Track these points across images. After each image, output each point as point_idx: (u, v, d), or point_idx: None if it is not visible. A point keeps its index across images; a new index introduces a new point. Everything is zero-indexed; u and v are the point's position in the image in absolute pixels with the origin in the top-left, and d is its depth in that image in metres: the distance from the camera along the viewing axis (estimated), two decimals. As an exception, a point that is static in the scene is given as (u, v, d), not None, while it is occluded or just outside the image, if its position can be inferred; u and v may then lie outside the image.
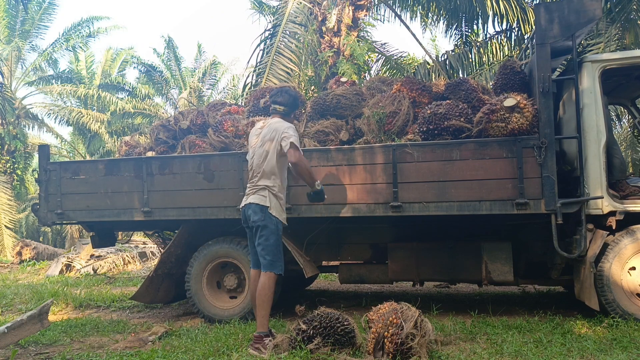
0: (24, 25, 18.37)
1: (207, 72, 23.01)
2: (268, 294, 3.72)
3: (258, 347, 3.55)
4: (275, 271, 3.78)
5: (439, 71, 10.39)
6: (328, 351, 3.29)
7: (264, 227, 3.79)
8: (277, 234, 3.83)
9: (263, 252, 3.79)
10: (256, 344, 3.58)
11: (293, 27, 10.34)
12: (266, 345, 3.54)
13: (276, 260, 3.79)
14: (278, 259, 3.81)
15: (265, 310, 3.72)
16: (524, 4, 9.75)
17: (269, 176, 3.86)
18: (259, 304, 3.75)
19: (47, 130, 21.12)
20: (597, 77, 4.33)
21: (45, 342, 4.30)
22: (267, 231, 3.79)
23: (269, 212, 3.80)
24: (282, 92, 4.09)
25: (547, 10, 4.27)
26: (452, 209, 4.36)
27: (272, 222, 3.80)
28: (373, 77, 7.89)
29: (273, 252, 3.79)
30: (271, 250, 3.78)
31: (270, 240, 3.78)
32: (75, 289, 7.45)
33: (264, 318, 3.72)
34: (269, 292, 3.73)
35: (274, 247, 3.80)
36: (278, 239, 3.84)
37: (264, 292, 3.73)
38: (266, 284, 3.74)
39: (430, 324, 3.42)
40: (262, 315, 3.73)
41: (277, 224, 3.84)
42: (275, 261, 3.78)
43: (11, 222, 16.07)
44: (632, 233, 4.21)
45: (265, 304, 3.72)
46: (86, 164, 5.88)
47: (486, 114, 4.34)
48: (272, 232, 3.79)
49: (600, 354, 3.36)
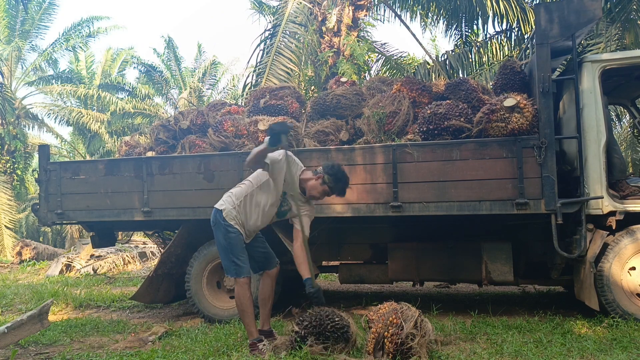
0: (24, 25, 18.38)
1: (207, 72, 23.00)
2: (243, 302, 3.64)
3: (255, 353, 3.55)
4: (230, 275, 3.67)
5: (439, 71, 10.39)
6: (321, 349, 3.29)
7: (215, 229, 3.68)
8: (229, 237, 3.62)
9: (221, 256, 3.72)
10: (253, 350, 3.57)
11: (293, 27, 10.34)
12: (262, 350, 3.53)
13: (228, 264, 3.65)
14: (232, 261, 3.63)
15: (248, 319, 3.65)
16: (524, 4, 9.74)
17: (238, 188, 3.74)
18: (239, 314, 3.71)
19: (47, 130, 21.15)
20: (597, 77, 4.33)
21: (45, 342, 4.30)
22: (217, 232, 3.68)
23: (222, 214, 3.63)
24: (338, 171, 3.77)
25: (547, 10, 4.27)
26: (452, 209, 4.36)
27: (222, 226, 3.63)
28: (373, 77, 7.90)
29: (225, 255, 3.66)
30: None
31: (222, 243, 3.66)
32: (75, 289, 7.45)
33: (248, 326, 3.66)
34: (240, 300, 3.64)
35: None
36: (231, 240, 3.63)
37: (237, 302, 3.67)
38: (237, 293, 3.66)
39: (430, 324, 3.42)
40: (246, 323, 3.67)
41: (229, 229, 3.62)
42: (227, 266, 3.65)
43: (11, 222, 16.07)
44: (632, 233, 4.21)
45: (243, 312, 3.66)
46: (86, 164, 5.88)
47: (486, 114, 4.34)
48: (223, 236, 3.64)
49: (600, 354, 3.36)
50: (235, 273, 3.63)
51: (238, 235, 3.65)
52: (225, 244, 3.64)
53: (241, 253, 3.66)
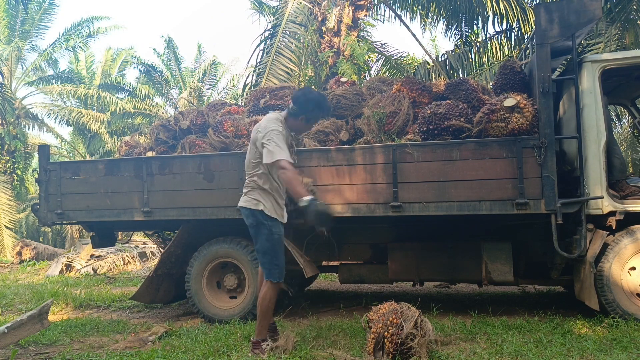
0: (24, 25, 18.38)
1: (207, 72, 23.02)
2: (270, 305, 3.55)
3: (257, 352, 3.54)
4: (272, 279, 3.49)
5: (439, 71, 10.39)
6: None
7: (256, 230, 3.53)
8: (272, 237, 3.49)
9: (259, 257, 3.56)
10: (255, 349, 3.55)
11: (293, 27, 10.34)
12: (264, 350, 3.53)
13: (272, 268, 3.49)
14: (275, 265, 3.49)
15: (266, 321, 3.59)
16: (524, 4, 9.74)
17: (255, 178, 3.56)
18: (259, 313, 3.58)
19: (47, 130, 21.15)
20: (597, 77, 4.33)
21: (45, 342, 4.30)
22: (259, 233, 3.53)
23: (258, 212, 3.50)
24: (300, 91, 3.75)
25: (547, 10, 4.27)
26: (452, 209, 4.36)
27: (263, 224, 3.48)
28: (373, 77, 7.89)
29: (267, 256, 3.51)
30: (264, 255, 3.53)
31: (265, 245, 3.51)
32: (75, 289, 7.45)
33: (263, 327, 3.59)
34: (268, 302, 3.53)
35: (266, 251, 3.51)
36: (274, 242, 3.50)
37: (263, 302, 3.54)
38: (267, 294, 3.53)
39: (430, 324, 3.42)
40: (262, 325, 3.59)
41: (271, 227, 3.48)
42: (270, 269, 3.49)
43: (11, 222, 16.07)
44: (632, 233, 4.21)
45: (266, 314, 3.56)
46: (86, 164, 5.88)
47: (486, 114, 4.34)
48: (266, 238, 3.49)
49: (600, 354, 3.36)
50: (279, 276, 3.49)
51: (281, 236, 3.55)
52: (268, 247, 3.47)
53: (282, 255, 3.55)
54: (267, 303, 3.52)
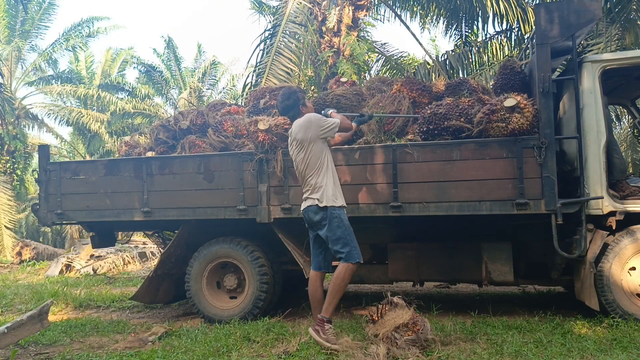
0: (24, 25, 18.37)
1: (207, 72, 22.99)
2: (343, 286, 3.76)
3: (317, 330, 3.63)
4: (352, 261, 3.73)
5: (439, 71, 10.38)
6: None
7: (328, 222, 3.79)
8: (343, 224, 3.78)
9: (335, 246, 3.78)
10: (317, 325, 3.67)
11: (293, 27, 10.33)
12: (326, 331, 3.62)
13: (351, 249, 3.74)
14: (353, 247, 3.76)
15: (337, 300, 3.75)
16: (524, 4, 9.74)
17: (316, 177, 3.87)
18: (330, 291, 3.75)
19: (47, 130, 21.15)
20: (597, 77, 4.32)
21: (45, 342, 4.30)
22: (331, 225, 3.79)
23: (328, 207, 3.79)
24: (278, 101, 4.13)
25: (547, 10, 4.27)
26: (452, 209, 4.36)
27: (333, 216, 3.78)
28: (373, 77, 7.90)
29: (343, 242, 3.76)
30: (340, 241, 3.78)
31: (337, 233, 3.76)
32: (75, 289, 7.45)
33: (332, 306, 3.74)
34: (341, 282, 3.75)
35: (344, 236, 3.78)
36: (346, 228, 3.79)
37: (337, 281, 3.75)
38: (344, 274, 3.74)
39: (428, 323, 3.43)
40: (333, 303, 3.75)
41: (340, 215, 3.80)
42: (349, 251, 3.73)
43: (11, 222, 16.04)
44: (632, 233, 4.21)
45: (339, 293, 3.76)
46: (86, 164, 5.88)
47: (486, 114, 4.33)
48: (338, 225, 3.77)
49: (600, 354, 3.36)
50: (358, 257, 3.75)
51: (347, 220, 3.84)
52: (342, 233, 3.75)
53: (354, 236, 3.84)
54: (340, 282, 3.73)
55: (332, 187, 3.83)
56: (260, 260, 4.90)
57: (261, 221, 4.78)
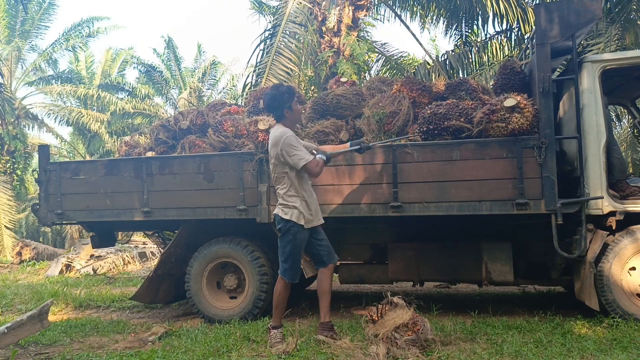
0: (24, 25, 18.37)
1: (207, 72, 22.99)
2: (279, 298, 3.88)
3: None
4: (285, 278, 3.84)
5: (439, 71, 10.38)
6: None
7: (284, 235, 3.85)
8: (296, 243, 3.80)
9: (280, 257, 3.89)
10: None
11: (293, 27, 10.34)
12: (272, 336, 3.76)
13: (289, 268, 3.83)
14: (292, 267, 3.83)
15: (278, 309, 3.88)
16: (524, 4, 9.74)
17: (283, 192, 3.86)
18: (273, 303, 3.91)
19: (47, 130, 21.14)
20: (597, 77, 4.32)
21: (45, 342, 4.30)
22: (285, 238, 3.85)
23: (290, 221, 3.79)
24: (263, 99, 4.06)
25: (547, 10, 4.27)
26: (452, 209, 4.36)
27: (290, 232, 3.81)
28: (373, 77, 7.90)
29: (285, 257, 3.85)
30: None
31: (286, 248, 3.84)
32: (75, 289, 7.45)
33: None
34: (279, 296, 3.88)
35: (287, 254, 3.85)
36: (295, 248, 3.82)
37: (276, 294, 3.89)
38: (278, 289, 3.88)
39: (428, 323, 3.43)
40: (274, 312, 3.89)
41: (296, 233, 3.79)
42: (287, 268, 3.83)
43: (11, 222, 16.04)
44: (632, 233, 4.21)
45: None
46: (86, 164, 5.88)
47: (486, 114, 4.33)
48: (289, 241, 3.81)
49: (600, 354, 3.36)
50: (291, 278, 3.86)
51: (303, 242, 3.86)
52: (290, 251, 3.81)
53: (299, 259, 3.93)
54: (278, 296, 3.88)
55: (300, 205, 3.78)
56: (260, 260, 4.90)
57: (261, 221, 4.78)
